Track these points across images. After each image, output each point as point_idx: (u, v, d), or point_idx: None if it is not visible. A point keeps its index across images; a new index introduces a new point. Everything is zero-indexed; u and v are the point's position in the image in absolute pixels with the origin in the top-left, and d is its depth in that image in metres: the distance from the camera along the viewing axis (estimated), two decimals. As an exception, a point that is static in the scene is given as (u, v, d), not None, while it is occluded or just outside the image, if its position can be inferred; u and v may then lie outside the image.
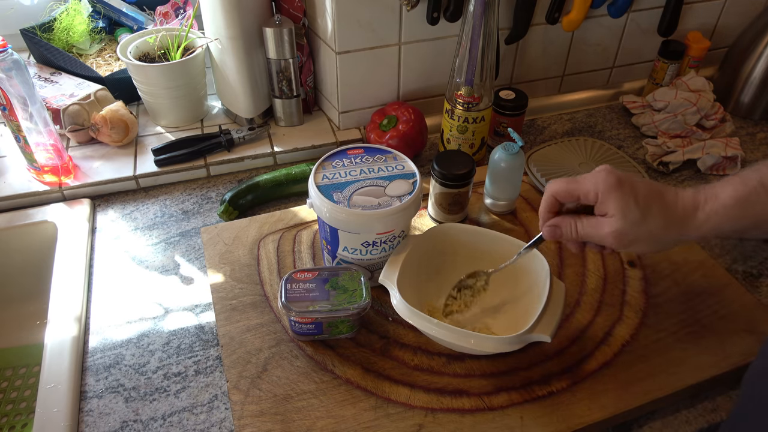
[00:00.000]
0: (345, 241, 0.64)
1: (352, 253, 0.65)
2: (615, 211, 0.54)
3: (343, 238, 0.63)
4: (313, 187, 0.63)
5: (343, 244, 0.64)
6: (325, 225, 0.64)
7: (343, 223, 0.61)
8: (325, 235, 0.65)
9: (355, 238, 0.63)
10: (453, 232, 0.70)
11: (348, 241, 0.63)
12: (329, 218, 0.62)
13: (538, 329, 0.58)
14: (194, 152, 0.90)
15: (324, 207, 0.61)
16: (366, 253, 0.65)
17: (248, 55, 0.89)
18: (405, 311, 0.59)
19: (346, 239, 0.63)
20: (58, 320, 0.68)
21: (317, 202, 0.62)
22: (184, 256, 0.78)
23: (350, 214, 0.60)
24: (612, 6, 0.99)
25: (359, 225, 0.61)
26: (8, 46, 0.74)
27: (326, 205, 0.61)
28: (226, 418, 0.60)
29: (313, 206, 0.64)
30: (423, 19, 0.88)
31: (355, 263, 0.66)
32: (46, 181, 0.85)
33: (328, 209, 0.61)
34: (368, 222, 0.61)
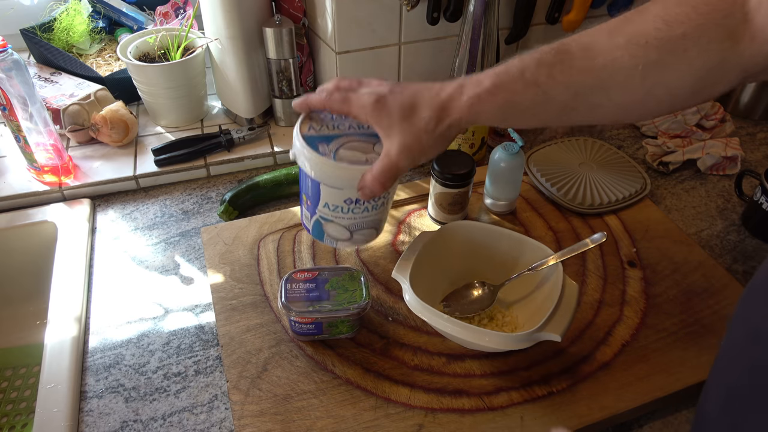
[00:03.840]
0: (326, 197, 0.59)
1: (333, 210, 0.60)
2: (385, 135, 0.53)
3: (324, 194, 0.59)
4: (297, 137, 0.58)
5: (324, 200, 0.59)
6: (307, 179, 0.59)
7: (327, 177, 0.57)
8: (306, 189, 0.61)
9: (337, 194, 0.58)
10: (469, 231, 0.70)
11: (330, 197, 0.59)
12: (312, 170, 0.57)
13: (549, 328, 0.58)
14: (194, 152, 0.90)
15: (308, 158, 0.57)
16: (348, 211, 0.60)
17: (248, 55, 0.89)
18: (417, 307, 0.59)
19: (327, 195, 0.59)
20: (58, 320, 0.68)
21: (301, 153, 0.57)
22: (184, 256, 0.78)
23: (335, 167, 0.56)
24: (612, 6, 0.99)
25: (344, 180, 0.56)
26: (8, 46, 0.74)
27: (310, 157, 0.56)
28: (226, 418, 0.60)
29: (295, 157, 0.59)
30: (423, 19, 0.88)
31: (335, 221, 0.61)
32: (46, 181, 0.85)
33: (312, 161, 0.56)
34: (353, 177, 0.56)
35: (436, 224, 0.80)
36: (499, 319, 0.67)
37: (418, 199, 0.84)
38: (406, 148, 0.52)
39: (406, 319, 0.68)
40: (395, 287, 0.71)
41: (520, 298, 0.68)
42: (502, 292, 0.67)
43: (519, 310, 0.68)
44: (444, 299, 0.69)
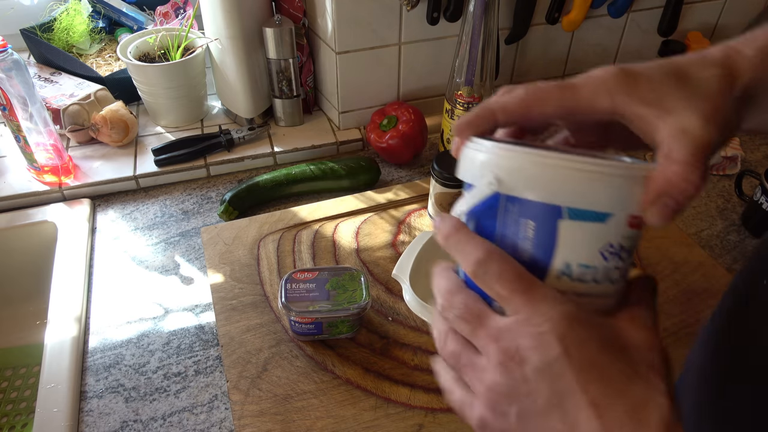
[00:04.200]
0: (570, 247, 0.31)
1: (577, 275, 0.32)
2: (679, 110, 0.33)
3: (568, 239, 0.31)
4: (478, 140, 0.34)
5: (562, 256, 0.31)
6: (523, 210, 0.31)
7: (578, 191, 0.30)
8: (515, 239, 0.32)
9: (595, 233, 0.31)
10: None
11: (577, 244, 0.31)
12: (535, 185, 0.31)
13: None
14: (194, 152, 0.90)
15: (515, 165, 0.31)
16: (605, 272, 0.32)
17: (248, 55, 0.89)
18: (417, 307, 0.59)
19: (574, 240, 0.31)
20: (58, 320, 0.68)
21: (491, 162, 0.32)
22: (184, 256, 0.78)
23: (594, 168, 0.30)
24: (612, 6, 0.99)
25: (616, 190, 0.30)
26: (8, 46, 0.74)
27: (525, 160, 0.31)
28: (226, 418, 0.60)
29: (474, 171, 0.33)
30: (423, 19, 0.88)
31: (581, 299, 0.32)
32: (46, 181, 0.85)
33: (534, 165, 0.31)
34: (631, 182, 0.30)
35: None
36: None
37: (418, 199, 0.84)
38: (706, 115, 0.32)
39: (406, 319, 0.68)
40: (395, 287, 0.71)
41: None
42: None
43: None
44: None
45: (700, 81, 0.34)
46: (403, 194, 0.85)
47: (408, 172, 0.93)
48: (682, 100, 0.33)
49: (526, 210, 0.31)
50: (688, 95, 0.33)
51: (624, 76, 0.34)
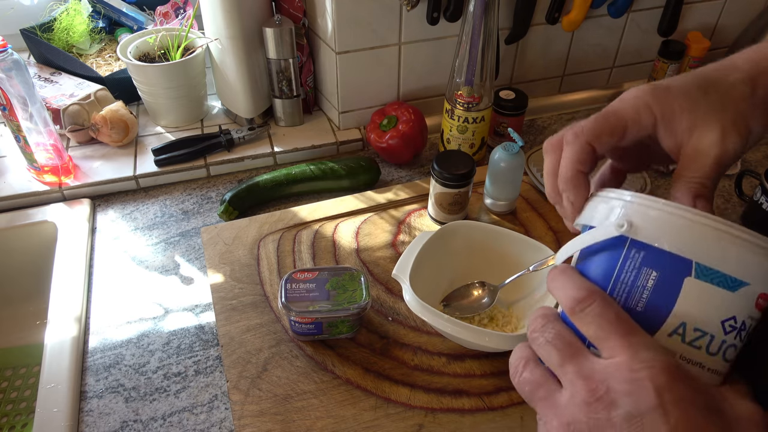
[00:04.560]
0: (691, 306, 0.30)
1: (695, 333, 0.30)
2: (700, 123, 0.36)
3: (691, 297, 0.29)
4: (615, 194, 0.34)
5: (683, 312, 0.30)
6: (648, 258, 0.30)
7: (715, 248, 0.29)
8: (630, 286, 0.31)
9: (719, 298, 0.29)
10: (469, 231, 0.70)
11: (700, 305, 0.29)
12: (673, 231, 0.29)
13: None
14: (194, 152, 0.90)
15: (657, 208, 0.30)
16: (721, 345, 0.30)
17: (248, 55, 0.89)
18: (417, 307, 0.59)
19: (697, 299, 0.29)
20: (58, 320, 0.68)
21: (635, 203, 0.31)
22: (184, 256, 0.78)
23: (737, 231, 0.29)
24: (612, 6, 0.99)
25: (750, 258, 0.29)
26: (8, 46, 0.74)
27: (665, 207, 0.30)
28: (226, 418, 0.60)
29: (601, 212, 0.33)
30: (423, 19, 0.88)
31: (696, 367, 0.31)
32: (46, 181, 0.85)
33: (672, 213, 0.30)
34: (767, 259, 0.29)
35: (436, 224, 0.80)
36: (499, 319, 0.67)
37: (418, 199, 0.84)
38: (725, 127, 0.35)
39: (406, 319, 0.68)
40: (395, 287, 0.71)
41: (520, 298, 0.68)
42: (502, 292, 0.67)
43: (519, 310, 0.68)
44: (444, 299, 0.68)
45: (726, 87, 0.36)
46: (403, 194, 0.85)
47: (408, 172, 0.93)
48: (708, 112, 0.35)
49: (652, 259, 0.30)
50: (713, 105, 0.35)
51: (659, 90, 0.36)
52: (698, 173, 0.36)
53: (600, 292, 0.32)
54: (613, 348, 0.30)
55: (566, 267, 0.35)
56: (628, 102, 0.38)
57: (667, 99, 0.36)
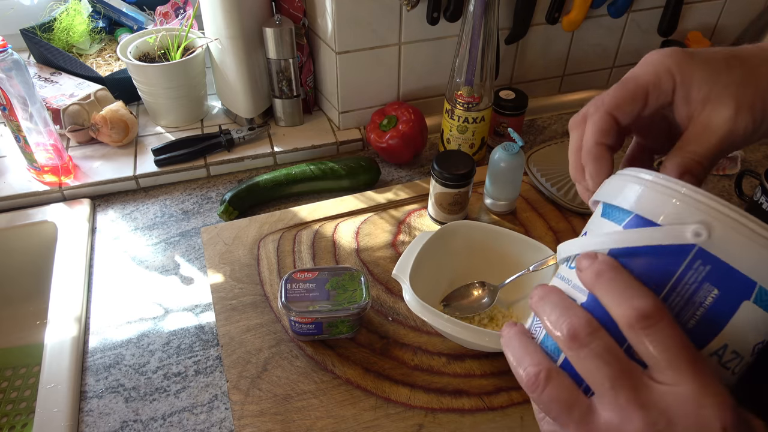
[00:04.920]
0: (738, 329, 0.28)
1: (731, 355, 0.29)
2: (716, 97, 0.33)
3: (741, 320, 0.28)
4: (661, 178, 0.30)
5: (729, 334, 0.29)
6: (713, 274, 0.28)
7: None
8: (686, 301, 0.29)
9: (762, 322, 0.28)
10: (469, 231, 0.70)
11: (746, 328, 0.28)
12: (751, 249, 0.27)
13: None
14: (194, 152, 0.90)
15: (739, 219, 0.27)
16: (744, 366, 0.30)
17: (248, 55, 0.89)
18: (417, 307, 0.59)
19: (745, 322, 0.28)
20: (58, 320, 0.68)
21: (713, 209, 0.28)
22: (184, 256, 0.78)
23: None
24: (612, 6, 0.99)
25: None
26: (8, 46, 0.74)
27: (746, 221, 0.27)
28: (226, 418, 0.60)
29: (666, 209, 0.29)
30: (423, 19, 0.88)
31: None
32: (46, 181, 0.85)
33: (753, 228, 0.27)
34: None
35: (436, 224, 0.80)
36: (499, 319, 0.67)
37: (418, 199, 0.84)
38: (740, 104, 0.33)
39: (406, 319, 0.68)
40: (395, 287, 0.71)
41: (520, 298, 0.68)
42: (502, 292, 0.67)
43: (519, 310, 0.68)
44: (444, 299, 0.68)
45: (752, 65, 0.34)
46: (403, 194, 0.85)
47: (408, 172, 0.93)
48: (727, 86, 0.33)
49: (718, 275, 0.27)
50: (734, 79, 0.33)
51: (682, 55, 0.34)
52: (699, 148, 0.33)
53: (665, 308, 0.27)
54: (678, 376, 0.27)
55: (617, 265, 0.29)
56: (648, 66, 0.35)
57: (689, 65, 0.34)
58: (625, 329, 0.28)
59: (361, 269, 0.71)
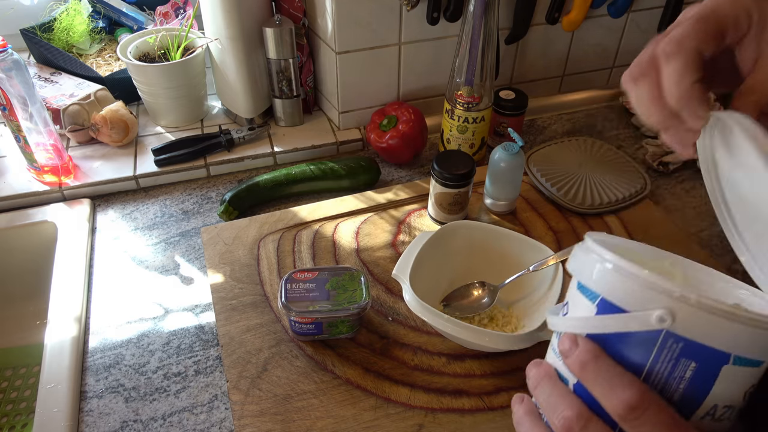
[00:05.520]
0: (724, 389, 0.29)
1: (723, 410, 0.30)
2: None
3: (725, 382, 0.29)
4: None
5: (717, 395, 0.30)
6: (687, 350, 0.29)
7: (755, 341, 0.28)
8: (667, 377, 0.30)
9: (747, 376, 0.30)
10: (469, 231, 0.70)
11: (732, 386, 0.30)
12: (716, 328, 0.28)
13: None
14: (194, 152, 0.90)
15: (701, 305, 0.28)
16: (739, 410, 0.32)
17: (248, 55, 0.89)
18: (417, 307, 0.59)
19: (730, 382, 0.29)
20: (58, 320, 0.68)
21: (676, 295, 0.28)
22: (184, 256, 0.78)
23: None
24: (612, 6, 0.99)
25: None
26: (8, 46, 0.74)
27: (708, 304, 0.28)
28: (226, 418, 0.60)
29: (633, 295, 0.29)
30: (423, 19, 0.88)
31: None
32: (46, 181, 0.85)
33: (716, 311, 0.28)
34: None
35: (436, 224, 0.80)
36: (499, 319, 0.67)
37: (418, 199, 0.84)
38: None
39: (406, 319, 0.68)
40: (395, 287, 0.71)
41: (520, 298, 0.68)
42: (502, 292, 0.67)
43: (519, 310, 0.68)
44: (444, 299, 0.69)
45: None
46: (403, 194, 0.85)
47: (408, 172, 0.93)
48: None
49: (691, 351, 0.28)
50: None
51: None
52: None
53: (651, 393, 0.28)
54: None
55: (598, 353, 0.29)
56: (726, 1, 0.34)
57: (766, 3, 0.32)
58: (617, 420, 0.29)
59: (361, 269, 0.71)
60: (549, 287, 0.64)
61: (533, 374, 0.34)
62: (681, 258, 0.37)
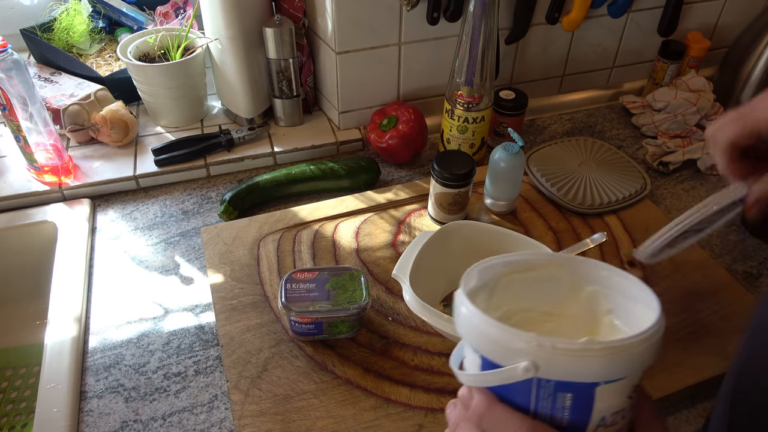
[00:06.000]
0: (606, 403, 0.33)
1: (613, 416, 0.34)
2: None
3: (603, 398, 0.33)
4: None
5: (601, 409, 0.33)
6: (559, 386, 0.32)
7: (611, 368, 0.32)
8: (551, 410, 0.33)
9: (623, 386, 0.33)
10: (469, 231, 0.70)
11: (612, 398, 0.33)
12: (573, 369, 0.32)
13: None
14: (194, 152, 0.90)
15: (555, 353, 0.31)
16: (631, 407, 0.35)
17: (248, 55, 0.89)
18: (417, 307, 0.59)
19: (609, 397, 0.33)
20: (58, 320, 0.68)
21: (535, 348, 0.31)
22: (184, 256, 0.78)
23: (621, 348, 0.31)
24: (612, 6, 0.99)
25: (636, 359, 0.32)
26: (8, 46, 0.74)
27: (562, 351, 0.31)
28: (226, 418, 0.60)
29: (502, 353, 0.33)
30: (423, 19, 0.88)
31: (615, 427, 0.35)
32: (46, 181, 0.85)
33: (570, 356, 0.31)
34: (650, 348, 0.32)
35: (436, 224, 0.80)
36: (499, 319, 0.67)
37: (418, 199, 0.84)
38: None
39: (406, 319, 0.68)
40: (395, 287, 0.71)
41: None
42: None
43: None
44: (444, 299, 0.68)
45: None
46: (403, 194, 0.85)
47: (408, 172, 0.93)
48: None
49: (563, 387, 0.32)
50: None
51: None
52: None
53: (540, 426, 0.33)
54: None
55: (490, 403, 0.34)
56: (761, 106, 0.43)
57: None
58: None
59: (361, 269, 0.71)
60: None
61: (452, 417, 0.38)
62: (568, 257, 0.41)
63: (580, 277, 0.39)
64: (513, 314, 0.41)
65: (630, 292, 0.37)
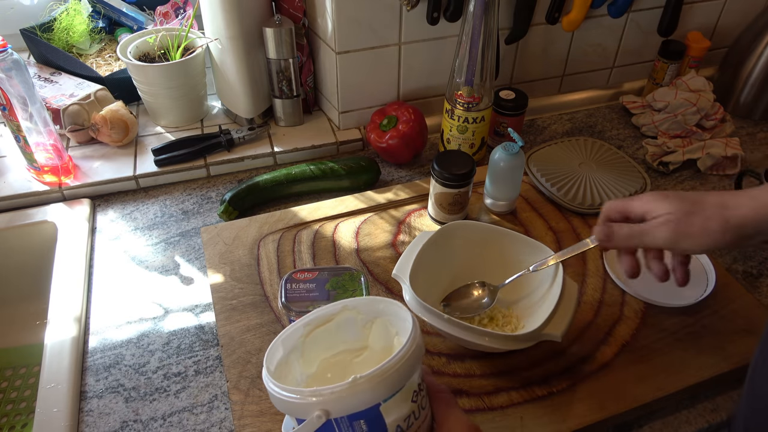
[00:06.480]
0: (393, 414, 0.40)
1: (407, 421, 0.41)
2: (664, 210, 0.54)
3: (390, 412, 0.40)
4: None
5: (393, 420, 0.40)
6: (351, 418, 0.39)
7: (384, 389, 0.39)
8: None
9: (402, 397, 0.40)
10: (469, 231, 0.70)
11: (397, 409, 0.40)
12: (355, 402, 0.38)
13: (549, 328, 0.58)
14: (194, 152, 0.90)
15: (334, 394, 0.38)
16: (421, 402, 0.42)
17: (248, 55, 0.89)
18: (417, 307, 0.59)
19: (393, 409, 0.40)
20: (58, 320, 0.68)
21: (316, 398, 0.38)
22: (184, 256, 0.78)
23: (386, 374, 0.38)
24: (612, 6, 0.99)
25: (410, 373, 0.40)
26: (8, 46, 0.74)
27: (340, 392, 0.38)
28: (226, 418, 0.60)
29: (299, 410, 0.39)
30: (423, 19, 0.88)
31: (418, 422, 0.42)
32: (46, 181, 0.85)
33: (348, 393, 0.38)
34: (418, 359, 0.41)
35: (436, 224, 0.80)
36: (499, 319, 0.67)
37: (418, 199, 0.84)
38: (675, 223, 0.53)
39: (406, 319, 0.68)
40: (395, 287, 0.71)
41: (520, 298, 0.68)
42: (502, 292, 0.67)
43: (519, 310, 0.68)
44: (444, 299, 0.68)
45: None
46: (403, 194, 0.85)
47: (408, 172, 0.93)
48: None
49: (354, 416, 0.39)
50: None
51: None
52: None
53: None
54: None
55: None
56: (637, 199, 0.57)
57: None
58: None
59: (361, 269, 0.71)
60: (549, 287, 0.64)
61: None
62: (355, 300, 0.47)
63: (368, 313, 0.47)
64: (327, 361, 0.48)
65: (401, 315, 0.44)
